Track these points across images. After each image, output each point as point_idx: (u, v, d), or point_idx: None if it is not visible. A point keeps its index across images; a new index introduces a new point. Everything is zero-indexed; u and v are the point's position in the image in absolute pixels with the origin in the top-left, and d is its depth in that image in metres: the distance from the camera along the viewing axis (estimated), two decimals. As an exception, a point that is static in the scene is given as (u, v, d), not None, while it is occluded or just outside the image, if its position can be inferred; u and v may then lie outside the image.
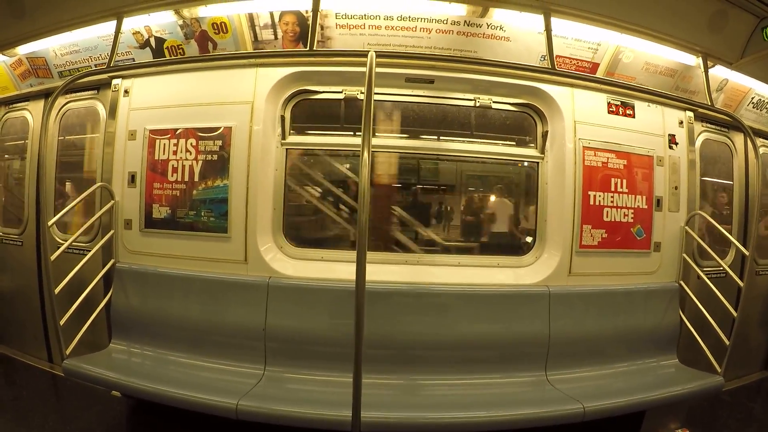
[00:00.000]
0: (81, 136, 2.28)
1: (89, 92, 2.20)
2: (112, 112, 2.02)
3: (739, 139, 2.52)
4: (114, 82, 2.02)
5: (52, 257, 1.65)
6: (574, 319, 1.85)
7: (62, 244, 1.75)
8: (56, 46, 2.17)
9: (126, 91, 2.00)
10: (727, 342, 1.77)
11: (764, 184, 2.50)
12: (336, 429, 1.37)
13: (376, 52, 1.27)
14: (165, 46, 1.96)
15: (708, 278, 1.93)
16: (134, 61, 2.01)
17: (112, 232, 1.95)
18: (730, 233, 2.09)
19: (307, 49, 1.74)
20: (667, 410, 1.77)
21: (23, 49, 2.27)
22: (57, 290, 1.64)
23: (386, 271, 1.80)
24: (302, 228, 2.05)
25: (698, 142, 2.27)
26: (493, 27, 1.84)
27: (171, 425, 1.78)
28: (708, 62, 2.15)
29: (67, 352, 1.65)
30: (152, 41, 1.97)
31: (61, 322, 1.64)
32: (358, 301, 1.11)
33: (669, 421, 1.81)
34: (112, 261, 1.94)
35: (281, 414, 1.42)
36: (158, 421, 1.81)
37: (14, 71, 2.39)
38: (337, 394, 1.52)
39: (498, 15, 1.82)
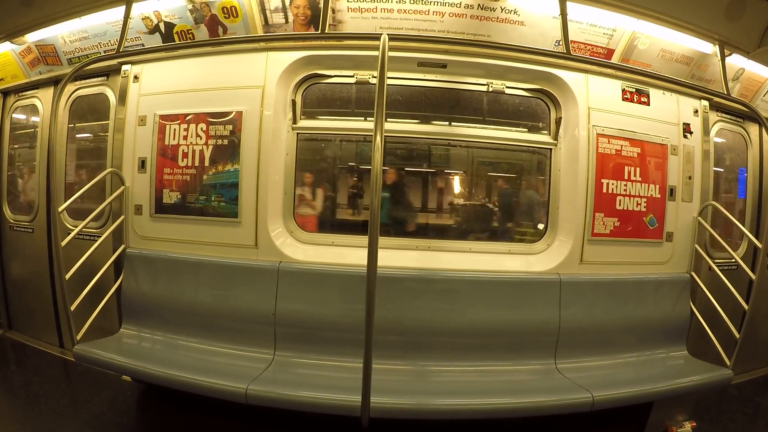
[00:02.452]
0: (91, 123, 2.28)
1: (99, 78, 2.20)
2: (122, 98, 2.01)
3: (754, 129, 2.47)
4: (123, 68, 2.02)
5: (63, 243, 1.66)
6: (585, 308, 1.83)
7: (73, 230, 1.76)
8: (65, 33, 2.17)
9: (136, 77, 1.99)
10: (737, 335, 1.75)
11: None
12: (345, 414, 1.37)
13: (388, 35, 1.25)
14: (175, 31, 1.95)
15: (720, 270, 1.90)
16: (144, 47, 2.00)
17: (122, 217, 1.96)
18: (743, 225, 2.05)
19: (319, 32, 1.72)
20: (676, 402, 1.76)
21: (32, 37, 2.27)
22: (68, 276, 1.65)
23: (397, 256, 1.80)
24: (313, 213, 2.05)
25: (713, 132, 2.22)
26: (507, 11, 1.80)
27: (181, 409, 1.80)
28: (725, 51, 2.09)
29: (78, 337, 1.66)
30: (162, 26, 1.96)
31: (72, 308, 1.65)
32: (369, 286, 1.11)
33: (677, 413, 1.80)
34: (122, 246, 1.95)
35: (291, 399, 1.42)
36: (168, 406, 1.83)
37: (23, 59, 2.39)
38: (347, 380, 1.53)
39: (512, -2, 1.79)
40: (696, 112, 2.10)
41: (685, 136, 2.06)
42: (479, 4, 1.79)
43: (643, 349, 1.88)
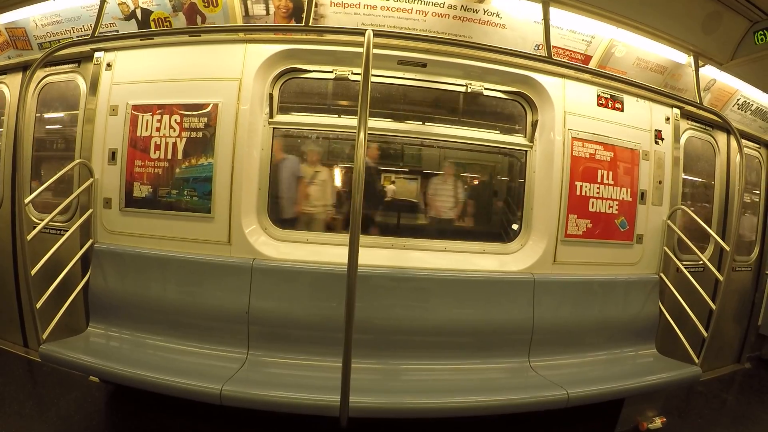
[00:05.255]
0: (60, 114, 2.18)
1: (70, 65, 2.11)
2: (94, 86, 1.93)
3: (722, 138, 2.59)
4: (96, 55, 1.94)
5: (29, 237, 1.58)
6: (558, 307, 1.88)
7: (39, 224, 1.68)
8: (37, 16, 2.06)
9: (108, 65, 1.92)
10: (705, 334, 1.82)
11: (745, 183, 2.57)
12: (323, 414, 1.35)
13: (372, 31, 1.24)
14: (151, 18, 1.88)
15: (687, 271, 1.98)
16: (118, 33, 1.93)
17: (90, 211, 1.88)
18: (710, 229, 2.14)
19: (303, 24, 1.69)
20: (646, 398, 1.82)
21: (2, 19, 2.14)
22: (33, 272, 1.58)
23: (373, 254, 1.79)
24: (288, 209, 2.02)
25: (683, 139, 2.33)
26: (489, 13, 1.82)
27: (151, 411, 1.74)
28: (699, 61, 2.18)
29: (44, 336, 1.59)
30: (138, 13, 1.89)
31: (38, 305, 1.58)
32: (350, 283, 1.10)
33: (647, 409, 1.86)
34: (90, 241, 1.87)
35: (267, 399, 1.39)
36: (138, 408, 1.76)
37: (-9, 42, 2.28)
38: (322, 379, 1.52)
39: (496, 1, 1.81)
40: (668, 119, 2.19)
41: (656, 143, 2.14)
42: (462, 5, 1.80)
43: (614, 348, 1.94)
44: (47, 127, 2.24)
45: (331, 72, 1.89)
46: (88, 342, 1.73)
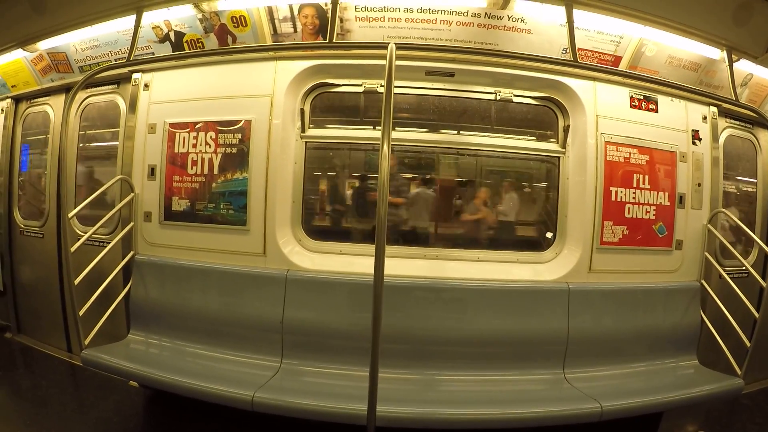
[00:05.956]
0: (102, 131, 2.31)
1: (109, 86, 2.24)
2: (132, 105, 2.04)
3: (763, 135, 2.44)
4: (134, 76, 2.05)
5: (72, 249, 1.68)
6: (593, 317, 1.82)
7: (82, 236, 1.78)
8: (76, 42, 2.20)
9: (146, 85, 2.02)
10: (748, 344, 1.73)
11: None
12: (352, 423, 1.37)
13: (395, 44, 1.26)
14: (184, 40, 1.97)
15: (730, 278, 1.88)
16: (154, 55, 2.03)
17: (131, 224, 1.98)
18: (753, 232, 2.03)
19: (327, 41, 1.74)
20: (686, 412, 1.74)
21: (44, 45, 2.30)
22: (77, 281, 1.67)
23: (405, 265, 1.80)
24: (321, 221, 2.06)
25: (722, 139, 2.21)
26: (514, 19, 1.81)
27: (187, 416, 1.80)
28: (732, 56, 2.08)
29: (86, 342, 1.68)
30: (172, 35, 1.99)
31: (81, 313, 1.67)
32: (376, 295, 1.11)
33: (687, 423, 1.78)
34: (131, 253, 1.97)
35: (297, 407, 1.42)
36: (175, 412, 1.83)
37: (35, 66, 2.43)
38: (354, 388, 1.53)
39: (519, 7, 1.79)
40: (704, 118, 2.09)
41: (693, 143, 2.04)
42: (486, 13, 1.79)
43: (652, 359, 1.86)
44: (90, 144, 2.37)
45: (360, 85, 1.92)
46: (129, 348, 1.81)
